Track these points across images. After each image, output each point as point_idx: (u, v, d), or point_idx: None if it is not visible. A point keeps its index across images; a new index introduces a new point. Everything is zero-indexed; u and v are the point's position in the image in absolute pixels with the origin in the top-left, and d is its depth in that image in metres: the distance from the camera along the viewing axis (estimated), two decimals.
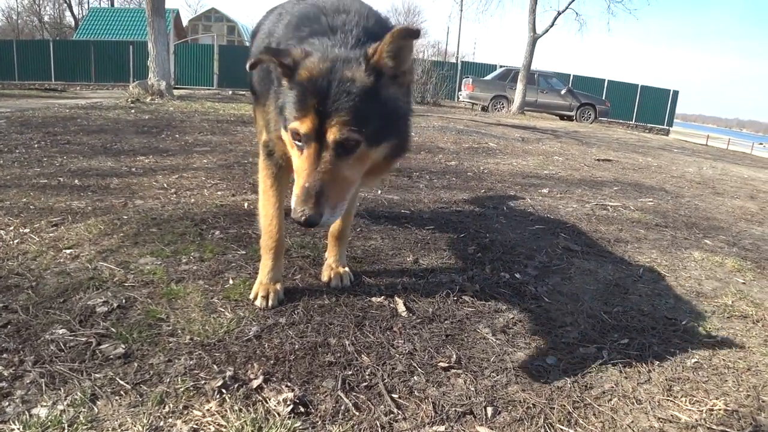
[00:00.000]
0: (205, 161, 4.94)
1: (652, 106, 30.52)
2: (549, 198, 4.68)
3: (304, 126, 1.63)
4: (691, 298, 2.70)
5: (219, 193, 3.81)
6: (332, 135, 1.60)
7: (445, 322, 2.17)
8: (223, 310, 2.10)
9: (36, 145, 5.32)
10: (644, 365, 1.99)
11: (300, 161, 1.66)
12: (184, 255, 2.58)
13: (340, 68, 1.64)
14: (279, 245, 2.24)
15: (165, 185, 3.94)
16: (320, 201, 1.59)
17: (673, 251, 3.45)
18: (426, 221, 3.48)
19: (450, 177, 5.18)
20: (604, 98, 24.82)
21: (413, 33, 1.63)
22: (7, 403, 1.51)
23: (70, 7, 52.48)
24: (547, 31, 22.12)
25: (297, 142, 1.67)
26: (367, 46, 1.69)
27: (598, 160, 7.86)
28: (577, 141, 10.75)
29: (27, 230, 2.81)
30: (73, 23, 50.81)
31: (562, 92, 22.39)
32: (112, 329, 1.90)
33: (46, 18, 55.42)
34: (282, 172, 2.23)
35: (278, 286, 2.21)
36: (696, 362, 2.05)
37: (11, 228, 2.83)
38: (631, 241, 3.57)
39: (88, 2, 52.31)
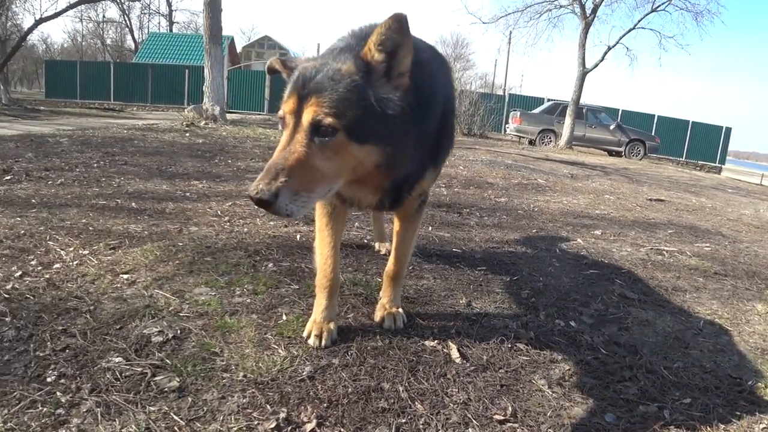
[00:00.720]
0: None
1: (704, 143, 29.81)
2: (602, 240, 4.56)
3: (286, 106, 1.64)
4: (756, 355, 2.56)
5: (271, 223, 3.84)
6: (307, 115, 1.59)
7: (500, 370, 2.11)
8: (276, 347, 2.08)
9: (95, 165, 5.50)
10: (709, 428, 1.88)
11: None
12: (238, 287, 2.59)
13: (331, 63, 1.67)
14: (334, 284, 2.22)
15: (219, 212, 4.00)
16: (278, 181, 1.52)
17: (734, 302, 3.30)
18: (478, 261, 3.43)
19: (500, 215, 5.12)
20: (653, 134, 24.34)
21: (401, 19, 1.59)
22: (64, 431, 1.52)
23: (131, 31, 55.12)
24: (596, 65, 21.98)
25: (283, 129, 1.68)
26: None
27: (651, 199, 7.67)
28: (627, 178, 10.55)
29: (86, 252, 2.87)
30: (133, 46, 53.15)
31: (611, 127, 22.07)
32: (167, 361, 1.91)
33: (108, 41, 58.18)
34: (337, 211, 2.22)
35: (332, 326, 2.17)
36: (765, 428, 1.93)
37: (71, 249, 2.90)
38: (689, 290, 3.44)
39: (149, 27, 54.77)
